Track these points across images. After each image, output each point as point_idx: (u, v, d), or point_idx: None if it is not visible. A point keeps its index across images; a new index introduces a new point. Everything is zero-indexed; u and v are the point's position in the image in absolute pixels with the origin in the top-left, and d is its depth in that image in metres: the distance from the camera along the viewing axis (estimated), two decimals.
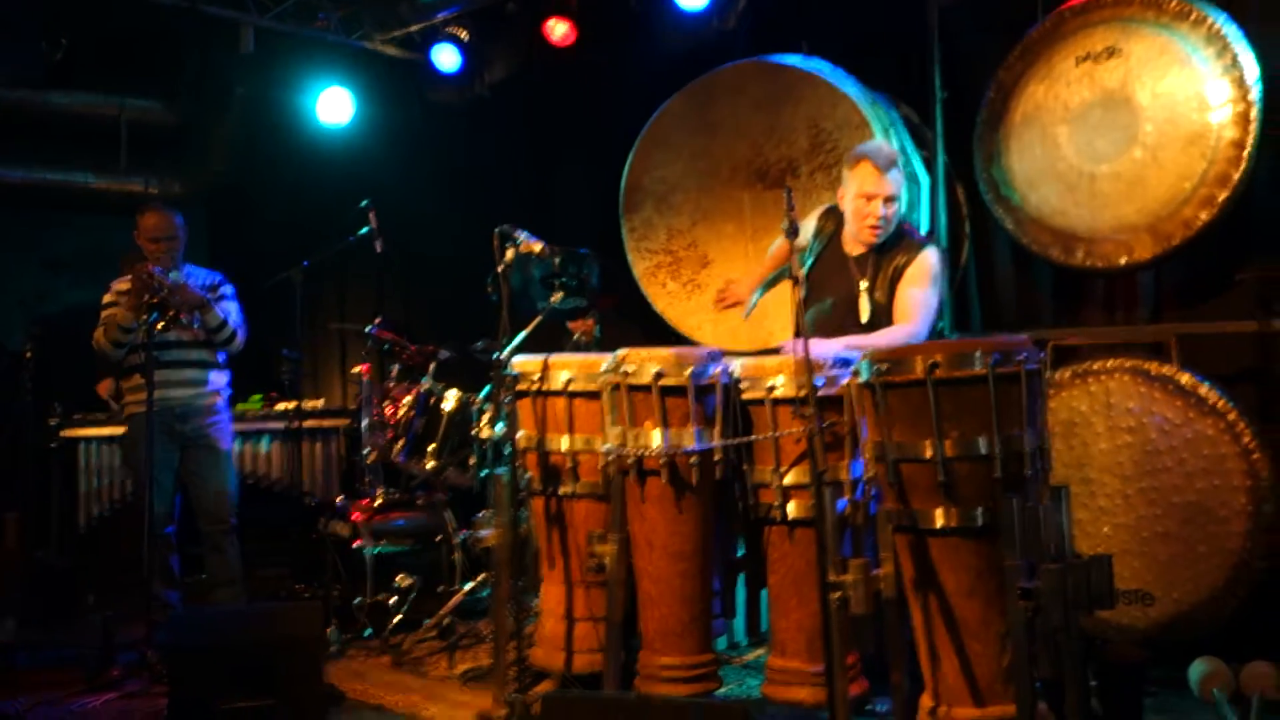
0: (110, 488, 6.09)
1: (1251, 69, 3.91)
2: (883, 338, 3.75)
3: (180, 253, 5.00)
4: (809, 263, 4.13)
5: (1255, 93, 3.89)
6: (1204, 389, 3.94)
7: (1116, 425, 4.06)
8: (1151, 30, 4.09)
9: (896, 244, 3.93)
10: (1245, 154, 3.89)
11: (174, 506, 5.04)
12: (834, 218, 4.06)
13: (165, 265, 4.84)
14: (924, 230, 4.64)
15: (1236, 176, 3.90)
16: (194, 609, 4.99)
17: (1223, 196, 3.93)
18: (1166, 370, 4.01)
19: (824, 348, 3.61)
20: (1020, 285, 4.71)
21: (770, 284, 4.45)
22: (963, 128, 4.58)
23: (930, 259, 3.89)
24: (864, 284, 3.92)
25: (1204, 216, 3.97)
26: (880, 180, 3.85)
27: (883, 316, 3.87)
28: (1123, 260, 4.16)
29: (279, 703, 3.77)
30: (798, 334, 3.21)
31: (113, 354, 4.94)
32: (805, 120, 4.65)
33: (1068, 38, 4.27)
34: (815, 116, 4.62)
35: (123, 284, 5.00)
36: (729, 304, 4.51)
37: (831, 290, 4.01)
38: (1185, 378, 3.97)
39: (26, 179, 7.04)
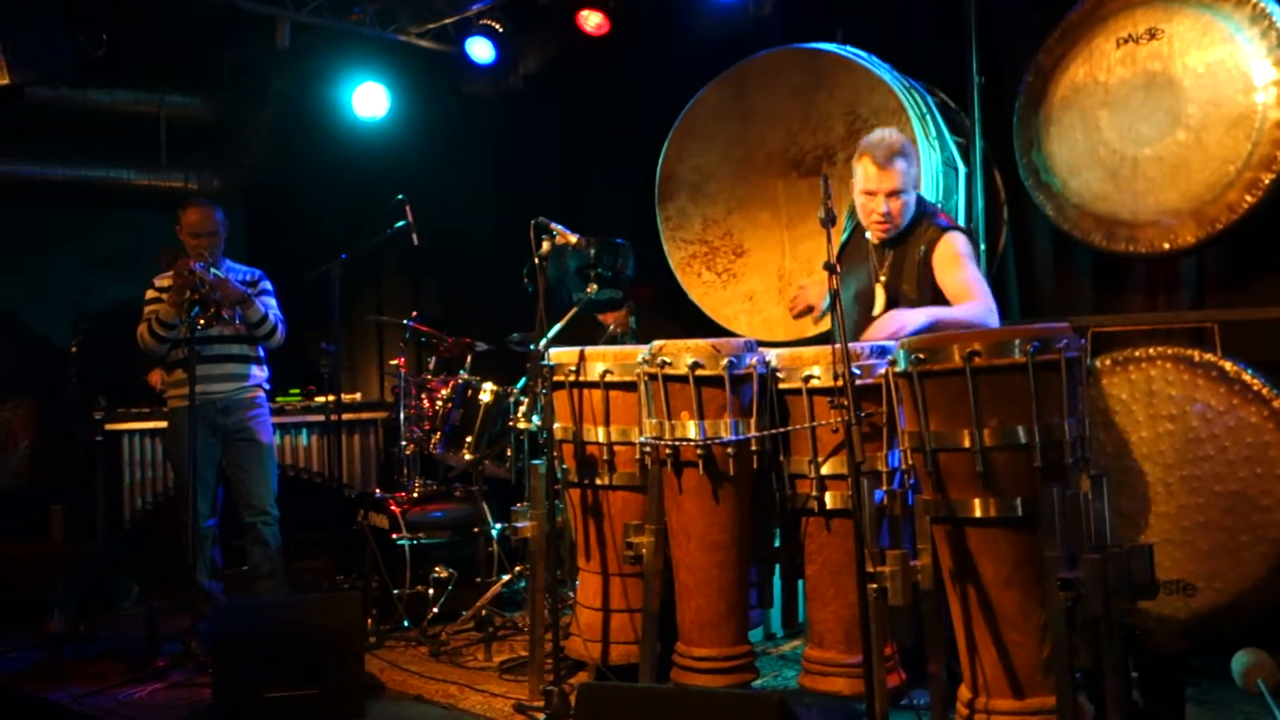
0: (154, 480, 6.18)
1: None
2: (960, 311, 3.64)
3: (221, 248, 5.05)
4: (841, 242, 4.11)
5: None
6: (1247, 376, 3.88)
7: (1157, 413, 4.01)
8: (1194, 10, 4.02)
9: (913, 231, 3.86)
10: None
11: (216, 499, 5.10)
12: None
13: (206, 261, 4.89)
14: (961, 217, 4.60)
15: None
16: (237, 600, 5.05)
17: (1268, 179, 3.86)
18: (1209, 357, 3.95)
19: (909, 318, 3.56)
20: (1060, 272, 4.65)
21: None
22: (1000, 113, 4.53)
23: (954, 243, 3.78)
24: (882, 276, 3.88)
25: (1249, 200, 3.90)
26: (879, 175, 3.77)
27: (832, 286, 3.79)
28: (1165, 245, 4.10)
29: (321, 692, 3.82)
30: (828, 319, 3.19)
31: (156, 349, 5.00)
32: (841, 107, 4.62)
33: (1108, 19, 4.21)
34: (851, 103, 4.58)
35: (164, 280, 5.06)
36: (800, 311, 4.37)
37: (854, 278, 4.00)
38: (1228, 365, 3.91)
39: (69, 176, 7.14)
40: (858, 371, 3.32)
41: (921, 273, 3.79)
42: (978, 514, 2.99)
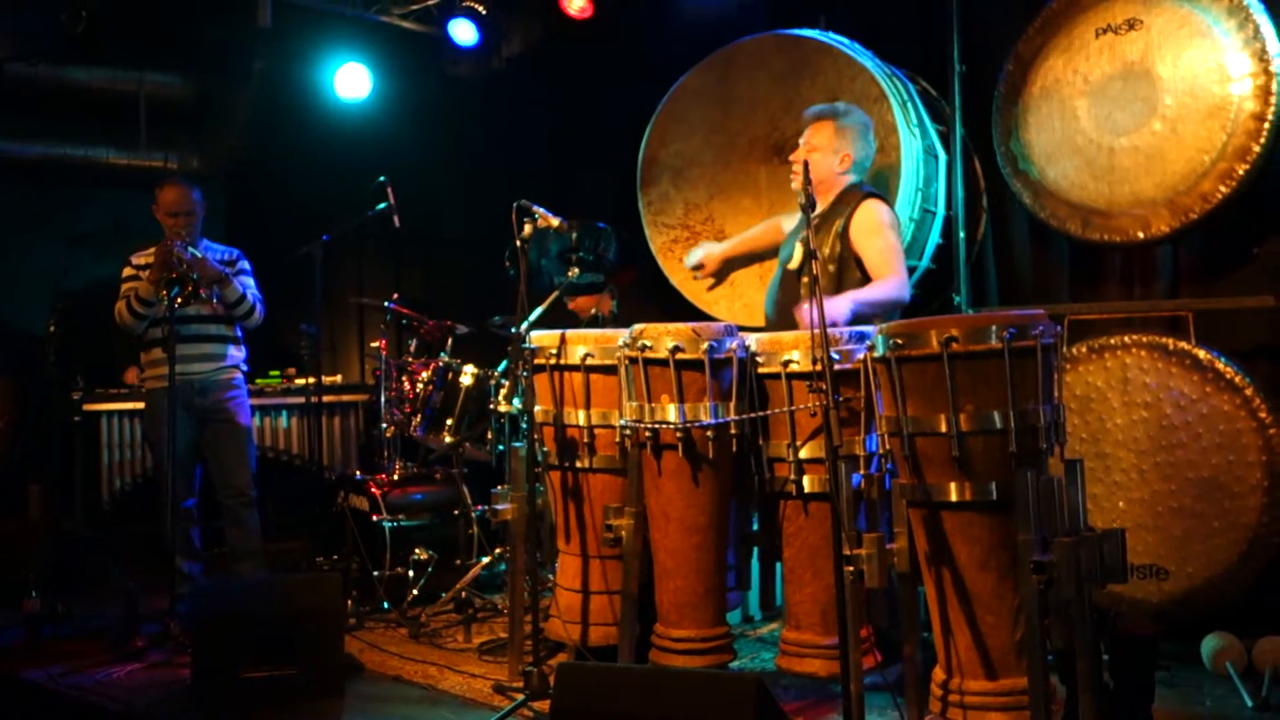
0: (132, 462, 6.17)
1: (1273, 41, 3.87)
2: (875, 290, 3.89)
3: (198, 227, 5.03)
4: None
5: (1277, 65, 3.86)
6: (1221, 364, 3.93)
7: (1132, 400, 4.05)
8: (1172, 2, 4.05)
9: (843, 199, 4.08)
10: (1265, 127, 3.86)
11: (194, 480, 5.09)
12: None
13: (184, 240, 4.87)
14: (941, 204, 4.63)
15: (1257, 150, 3.88)
16: (216, 581, 5.04)
17: (1242, 170, 3.90)
18: (1183, 345, 4.00)
19: (834, 309, 3.74)
20: (1037, 260, 4.69)
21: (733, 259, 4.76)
22: (981, 102, 4.56)
23: (872, 211, 4.01)
24: (803, 234, 4.04)
25: (1223, 190, 3.95)
26: (804, 130, 4.16)
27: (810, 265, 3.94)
28: (1140, 234, 4.14)
29: (300, 673, 3.83)
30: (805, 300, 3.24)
31: (135, 327, 4.98)
32: (823, 93, 4.63)
33: (1087, 10, 4.24)
34: (834, 89, 4.60)
35: (142, 258, 5.04)
36: (695, 264, 4.80)
37: (789, 243, 4.26)
38: (1202, 353, 3.96)
39: (47, 154, 7.08)
40: (836, 357, 3.35)
41: (839, 237, 3.99)
42: (953, 498, 3.02)
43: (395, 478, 5.34)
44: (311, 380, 5.86)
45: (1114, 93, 4.16)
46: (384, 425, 5.46)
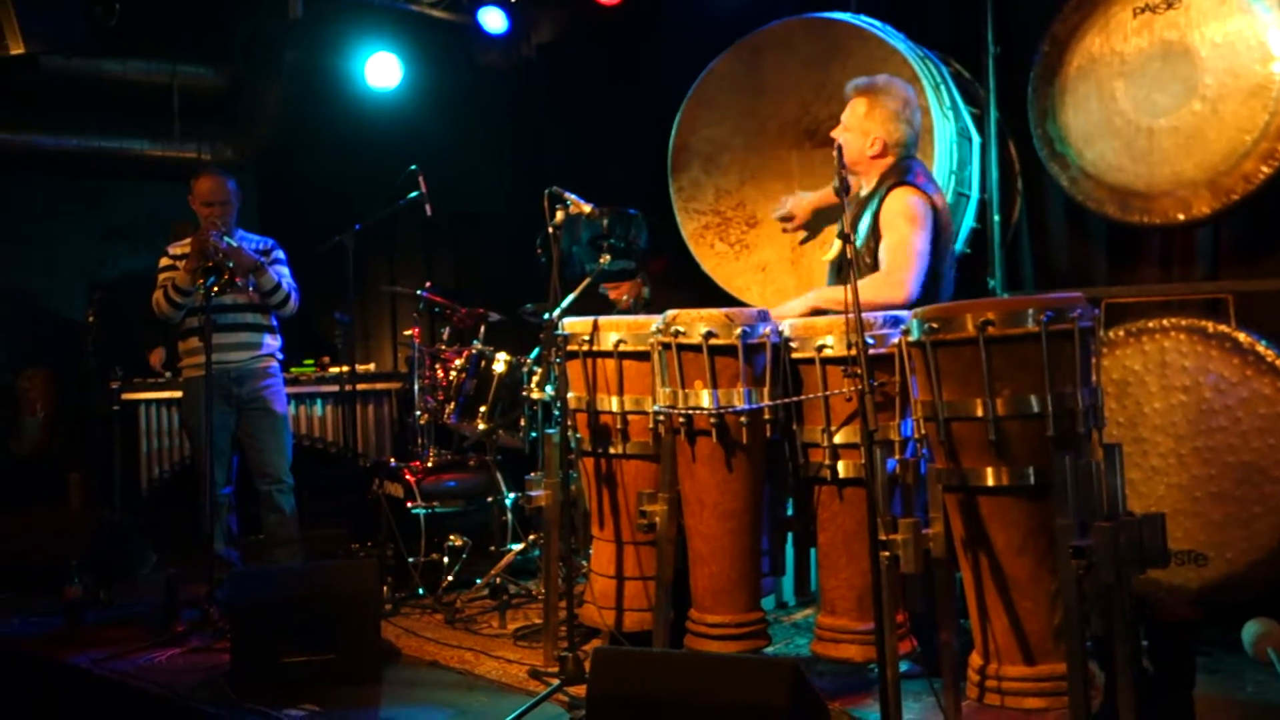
0: (171, 450, 6.23)
1: None
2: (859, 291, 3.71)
3: (234, 217, 5.07)
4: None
5: None
6: (1261, 347, 3.88)
7: (1171, 384, 4.01)
8: None
9: (880, 182, 3.90)
10: None
11: (231, 468, 5.15)
12: None
13: (219, 229, 4.92)
14: (975, 188, 4.59)
15: None
16: (254, 567, 5.10)
17: None
18: (1223, 328, 3.95)
19: (787, 307, 3.78)
20: (1074, 243, 4.64)
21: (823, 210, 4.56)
22: (1016, 84, 4.51)
23: (901, 199, 3.77)
24: (840, 222, 3.89)
25: (1265, 171, 3.88)
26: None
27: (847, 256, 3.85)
28: (1180, 217, 4.08)
29: (337, 658, 3.87)
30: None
31: (173, 316, 5.04)
32: (854, 76, 4.59)
33: None
34: (864, 72, 4.54)
35: (178, 248, 5.09)
36: (784, 215, 4.58)
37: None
38: (1242, 336, 3.91)
39: (83, 146, 7.17)
40: (871, 341, 3.33)
41: (871, 224, 3.83)
42: (990, 483, 3.00)
43: (429, 465, 5.37)
44: (345, 369, 5.91)
45: (1153, 73, 4.10)
46: (418, 413, 5.49)
